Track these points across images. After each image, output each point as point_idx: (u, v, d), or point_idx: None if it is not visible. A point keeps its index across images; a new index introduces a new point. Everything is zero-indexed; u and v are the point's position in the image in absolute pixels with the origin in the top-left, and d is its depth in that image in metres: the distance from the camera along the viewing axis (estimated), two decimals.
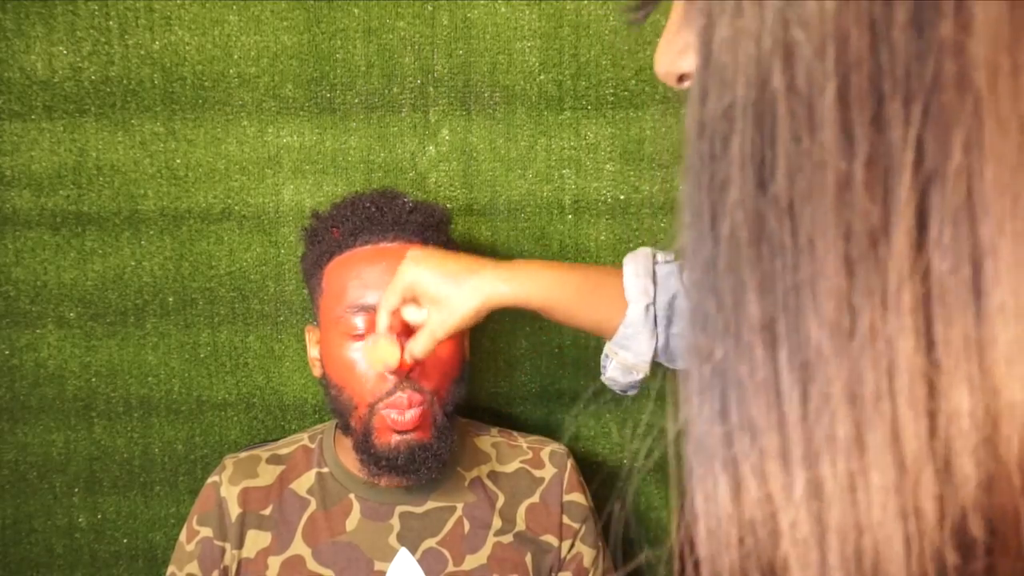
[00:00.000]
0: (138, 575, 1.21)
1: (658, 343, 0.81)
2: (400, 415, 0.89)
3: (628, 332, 0.81)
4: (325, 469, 0.99)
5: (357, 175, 1.14)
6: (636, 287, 0.81)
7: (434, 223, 0.97)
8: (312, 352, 1.00)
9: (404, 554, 0.94)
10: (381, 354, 0.85)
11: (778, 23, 0.24)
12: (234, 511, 0.95)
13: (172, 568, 0.97)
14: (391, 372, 0.87)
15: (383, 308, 0.84)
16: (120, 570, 1.21)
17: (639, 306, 0.80)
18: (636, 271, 0.82)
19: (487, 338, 1.18)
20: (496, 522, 0.97)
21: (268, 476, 0.98)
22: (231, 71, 1.11)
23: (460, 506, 0.97)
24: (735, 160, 0.24)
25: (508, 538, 0.97)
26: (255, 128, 1.12)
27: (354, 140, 1.13)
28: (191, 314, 1.16)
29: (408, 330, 0.86)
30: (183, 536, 0.97)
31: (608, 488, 1.22)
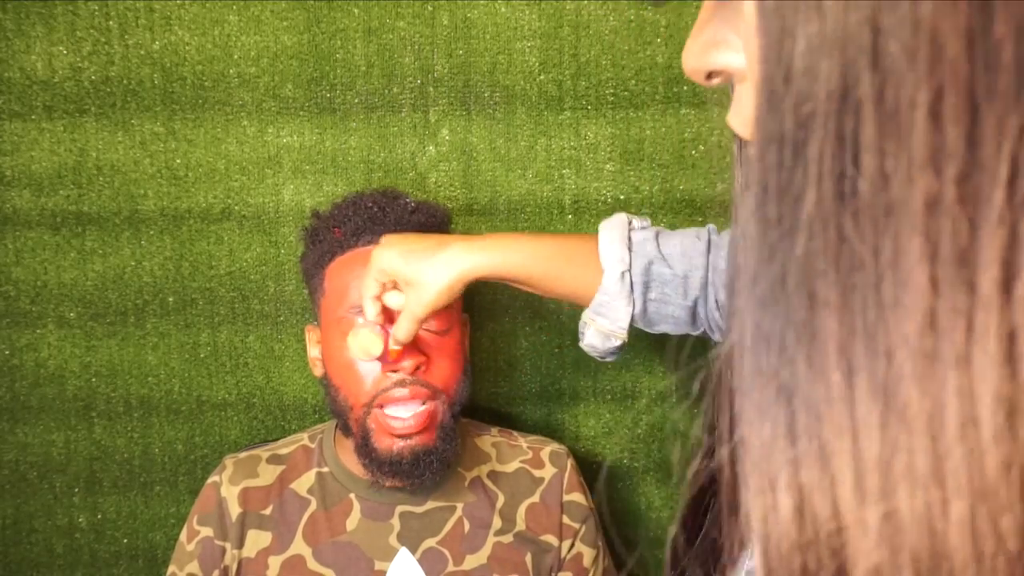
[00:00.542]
0: (138, 575, 1.21)
1: (635, 309, 0.81)
2: (403, 423, 0.88)
3: (604, 299, 0.81)
4: (325, 469, 0.99)
5: (357, 175, 1.14)
6: (612, 254, 0.81)
7: (435, 223, 0.97)
8: (312, 352, 1.00)
9: (404, 554, 0.94)
10: (363, 343, 0.86)
11: (866, 29, 0.22)
12: (234, 511, 0.95)
13: (172, 568, 0.97)
14: (380, 360, 0.88)
15: (364, 297, 0.85)
16: (120, 570, 1.21)
17: (615, 273, 0.81)
18: (611, 238, 0.83)
19: (487, 338, 1.18)
20: (496, 522, 0.97)
21: (268, 476, 0.98)
22: (231, 71, 1.11)
23: (460, 506, 0.97)
24: (812, 171, 0.23)
25: (508, 538, 0.97)
26: (255, 128, 1.12)
27: (354, 140, 1.13)
28: (191, 314, 1.16)
29: (392, 319, 0.87)
30: (183, 536, 0.97)
31: (608, 488, 1.22)
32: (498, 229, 1.15)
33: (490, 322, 1.18)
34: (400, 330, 0.83)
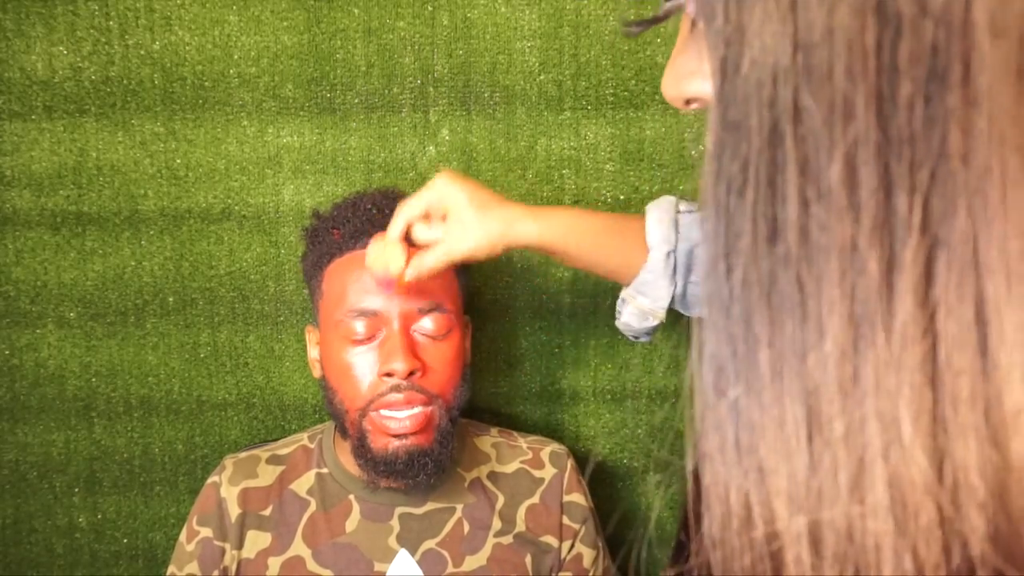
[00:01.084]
0: (138, 575, 1.22)
1: (676, 290, 0.83)
2: (399, 423, 0.88)
3: (648, 278, 0.82)
4: (325, 470, 0.99)
5: (357, 175, 1.14)
6: (658, 234, 0.82)
7: None
8: (312, 353, 0.99)
9: (404, 555, 0.94)
10: (388, 257, 0.82)
11: (788, 87, 0.24)
12: (234, 511, 0.95)
13: (172, 568, 0.97)
14: (386, 286, 0.85)
15: (402, 215, 0.83)
16: (120, 570, 1.21)
17: (660, 252, 0.82)
18: (659, 218, 0.84)
19: (487, 338, 1.18)
20: (496, 523, 0.97)
21: (268, 476, 0.98)
22: (231, 71, 1.11)
23: (460, 507, 0.97)
24: (748, 213, 0.25)
25: (508, 539, 0.97)
26: (255, 128, 1.12)
27: (354, 140, 1.13)
28: (191, 314, 1.16)
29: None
30: (183, 536, 0.97)
31: (608, 488, 1.22)
32: None
33: (490, 322, 1.18)
34: (428, 262, 0.80)
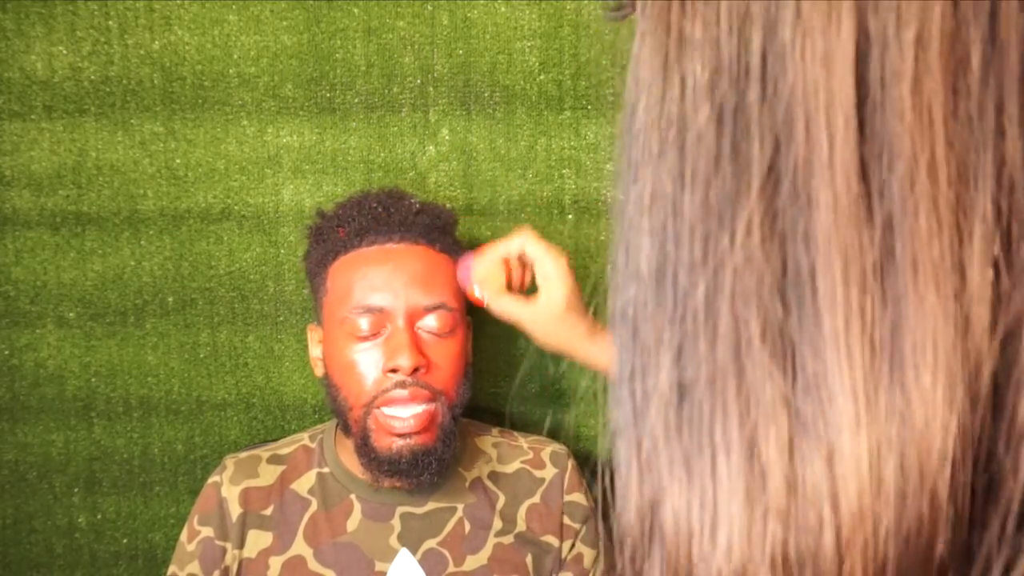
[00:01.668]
0: (138, 575, 1.22)
1: None
2: (403, 423, 0.88)
3: None
4: (326, 469, 0.99)
5: (357, 175, 1.14)
6: None
7: (440, 225, 0.97)
8: (314, 351, 0.99)
9: (405, 555, 0.94)
10: (491, 278, 0.85)
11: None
12: (235, 511, 0.95)
13: (173, 568, 0.97)
14: (473, 299, 0.89)
15: (515, 247, 0.85)
16: (120, 570, 1.21)
17: None
18: None
19: (487, 338, 1.18)
20: (497, 523, 0.97)
21: (269, 476, 0.98)
22: (231, 71, 1.11)
23: (461, 507, 0.97)
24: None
25: (509, 539, 0.97)
26: (255, 128, 1.12)
27: (354, 140, 1.13)
28: (191, 314, 1.16)
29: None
30: (184, 536, 0.97)
31: (609, 488, 1.22)
32: (498, 229, 1.15)
33: (490, 322, 1.17)
34: (505, 306, 0.84)
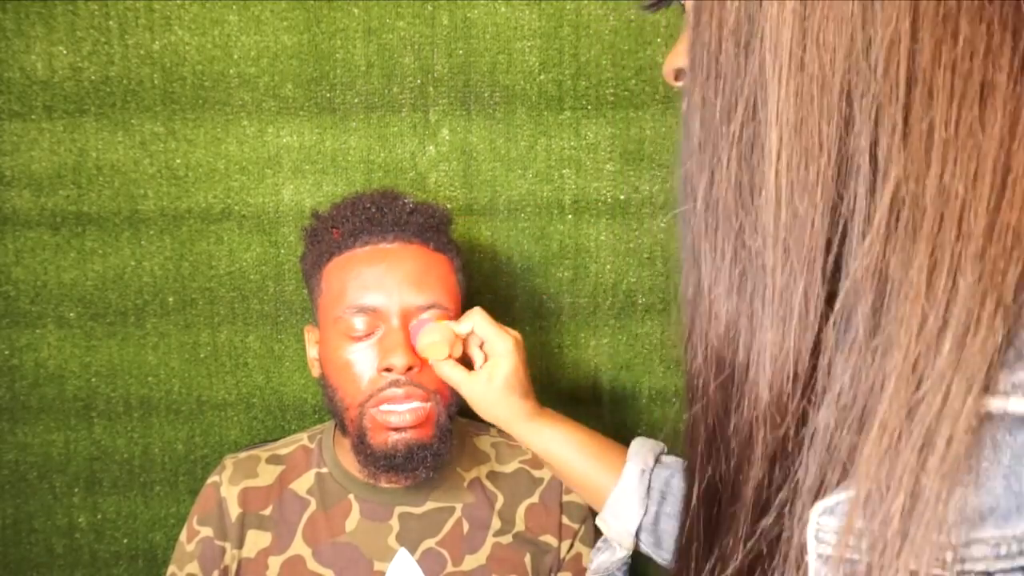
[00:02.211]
0: (138, 575, 1.22)
1: (646, 515, 0.79)
2: (399, 416, 0.88)
3: (619, 495, 0.80)
4: (324, 469, 0.99)
5: (357, 175, 1.14)
6: (638, 453, 0.82)
7: (434, 224, 0.97)
8: (311, 352, 1.00)
9: (403, 554, 0.94)
10: (436, 346, 0.86)
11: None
12: (234, 511, 0.95)
13: (172, 568, 0.97)
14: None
15: (467, 325, 0.88)
16: (120, 570, 1.21)
17: (636, 467, 0.81)
18: (643, 443, 0.84)
19: None
20: (495, 522, 0.97)
21: (268, 476, 0.98)
22: (231, 71, 1.11)
23: (459, 507, 0.97)
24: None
25: (507, 538, 0.97)
26: (255, 128, 1.12)
27: (354, 140, 1.13)
28: (191, 314, 1.16)
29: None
30: (183, 536, 0.97)
31: None
32: (498, 229, 1.15)
33: None
34: (445, 371, 0.86)
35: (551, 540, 0.98)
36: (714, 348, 0.40)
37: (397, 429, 0.89)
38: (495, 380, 0.84)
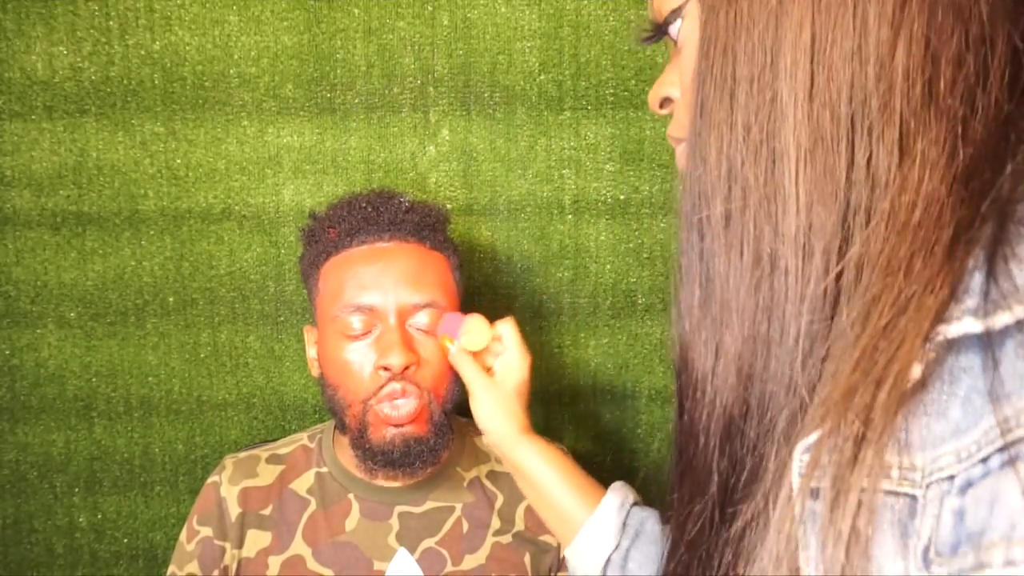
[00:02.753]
0: (138, 575, 1.22)
1: (616, 550, 0.78)
2: (394, 410, 0.89)
3: (595, 524, 0.79)
4: (324, 469, 0.99)
5: (357, 175, 1.14)
6: (619, 490, 0.81)
7: (430, 223, 0.97)
8: (310, 352, 1.00)
9: (403, 554, 0.94)
10: (477, 335, 0.88)
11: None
12: (234, 511, 0.96)
13: (172, 568, 0.97)
14: (444, 332, 0.91)
15: (496, 331, 0.89)
16: (120, 570, 1.21)
17: (616, 499, 0.80)
18: (624, 485, 0.83)
19: None
20: (495, 522, 0.97)
21: (268, 476, 0.98)
22: (231, 71, 1.11)
23: (459, 506, 0.97)
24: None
25: (507, 538, 0.97)
26: (255, 128, 1.12)
27: (354, 140, 1.13)
28: (191, 314, 1.16)
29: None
30: (183, 536, 0.97)
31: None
32: (498, 229, 1.15)
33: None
34: (460, 366, 0.88)
35: (551, 539, 0.98)
36: (731, 349, 0.45)
37: (396, 424, 0.89)
38: (507, 385, 0.87)
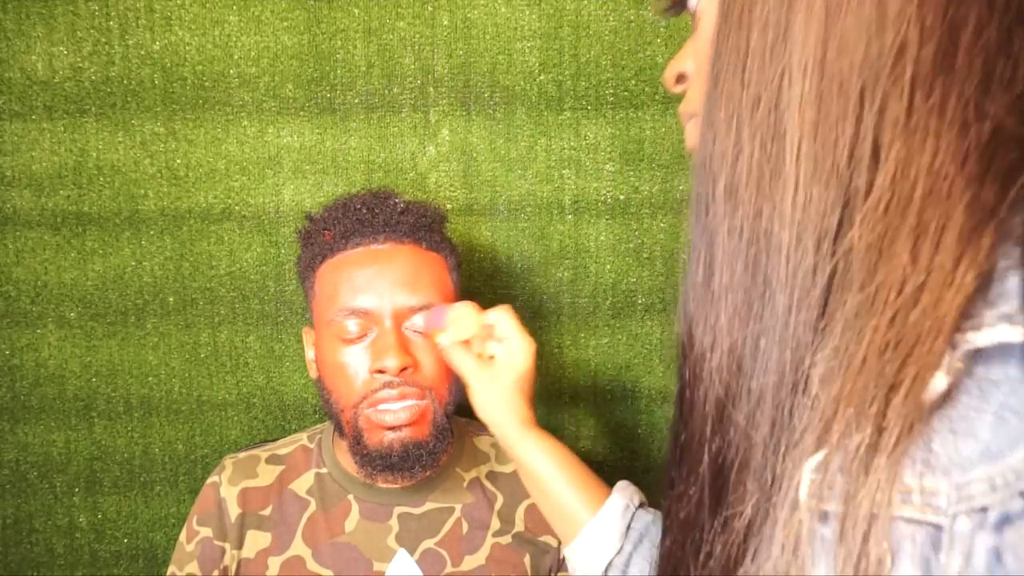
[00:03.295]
0: (138, 575, 1.22)
1: (619, 554, 0.76)
2: (394, 415, 0.88)
3: (599, 524, 0.77)
4: (324, 470, 0.99)
5: (357, 175, 1.14)
6: (624, 491, 0.79)
7: (426, 223, 0.96)
8: (309, 354, 0.99)
9: (403, 555, 0.94)
10: (463, 324, 0.86)
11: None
12: (234, 511, 0.95)
13: (172, 568, 0.97)
14: (427, 327, 0.89)
15: (492, 317, 0.87)
16: (120, 570, 1.21)
17: (621, 501, 0.78)
18: (629, 485, 0.81)
19: None
20: (495, 523, 0.97)
21: (267, 476, 0.98)
22: (231, 71, 1.11)
23: (459, 507, 0.97)
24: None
25: (507, 539, 0.97)
26: (255, 128, 1.12)
27: (354, 140, 1.13)
28: (191, 314, 1.16)
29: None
30: (183, 536, 0.97)
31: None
32: (498, 229, 1.15)
33: None
34: (454, 357, 0.85)
35: (551, 540, 0.98)
36: (724, 328, 0.44)
37: (393, 428, 0.88)
38: (506, 376, 0.83)
